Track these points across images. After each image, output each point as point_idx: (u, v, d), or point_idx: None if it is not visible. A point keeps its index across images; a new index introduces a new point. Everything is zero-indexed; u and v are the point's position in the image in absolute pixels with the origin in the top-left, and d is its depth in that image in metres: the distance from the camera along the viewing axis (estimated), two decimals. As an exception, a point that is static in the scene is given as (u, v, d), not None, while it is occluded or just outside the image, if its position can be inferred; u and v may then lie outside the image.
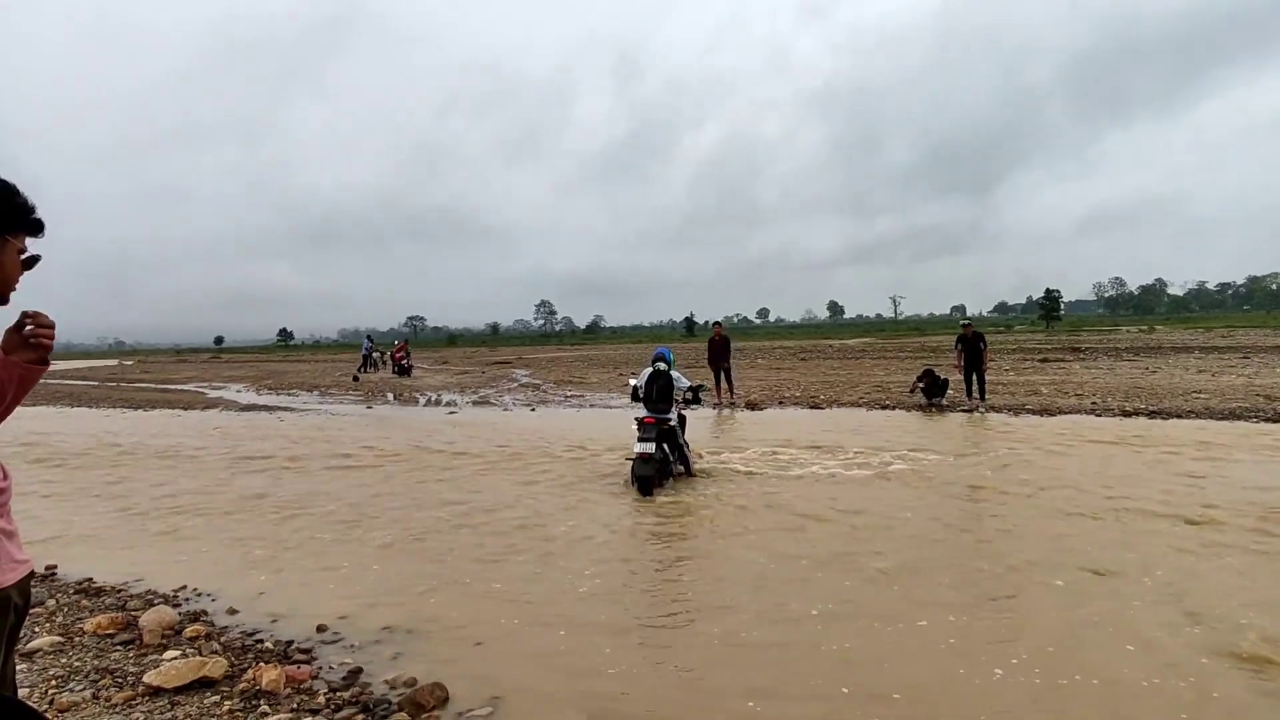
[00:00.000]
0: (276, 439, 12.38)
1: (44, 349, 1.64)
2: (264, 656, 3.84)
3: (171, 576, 5.23)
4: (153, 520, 7.04)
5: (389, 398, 20.55)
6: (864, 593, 4.64)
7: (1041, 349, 31.08)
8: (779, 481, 7.86)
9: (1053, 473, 7.83)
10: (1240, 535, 5.51)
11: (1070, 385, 16.65)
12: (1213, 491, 6.77)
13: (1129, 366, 21.49)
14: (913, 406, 14.20)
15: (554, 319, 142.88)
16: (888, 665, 3.63)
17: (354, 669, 3.71)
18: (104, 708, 3.29)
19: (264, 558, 5.74)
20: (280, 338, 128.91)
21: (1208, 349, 27.00)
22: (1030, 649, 3.73)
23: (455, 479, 8.57)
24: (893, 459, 8.79)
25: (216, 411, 18.04)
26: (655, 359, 8.26)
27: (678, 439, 8.07)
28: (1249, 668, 3.48)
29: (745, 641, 3.96)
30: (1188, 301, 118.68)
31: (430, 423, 14.44)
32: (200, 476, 9.12)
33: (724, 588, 4.82)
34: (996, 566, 5.03)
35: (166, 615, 4.26)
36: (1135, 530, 5.74)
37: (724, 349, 16.31)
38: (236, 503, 7.62)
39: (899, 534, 5.87)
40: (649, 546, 5.90)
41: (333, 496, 7.77)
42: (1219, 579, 4.65)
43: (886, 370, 23.37)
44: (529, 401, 18.17)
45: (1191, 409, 12.13)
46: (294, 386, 26.11)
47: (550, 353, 52.21)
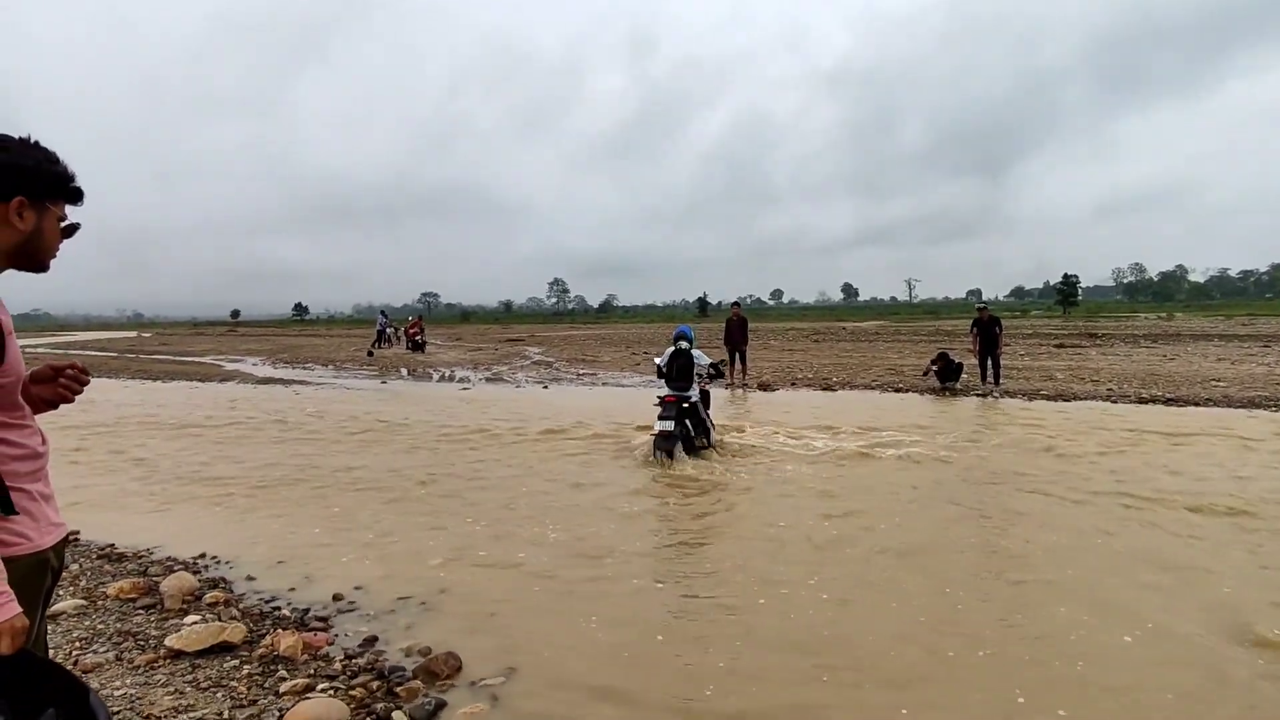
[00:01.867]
0: (293, 411, 12.51)
1: (63, 401, 1.77)
2: (281, 623, 3.92)
3: (191, 544, 5.32)
4: (173, 489, 7.15)
5: (403, 373, 20.67)
6: (868, 569, 4.66)
7: (1058, 334, 30.79)
8: (792, 460, 7.87)
9: (1063, 457, 7.79)
10: (1253, 523, 5.48)
11: (1086, 371, 16.51)
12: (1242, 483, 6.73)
13: (1146, 353, 21.27)
14: (926, 390, 14.14)
15: (567, 298, 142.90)
16: (863, 638, 3.66)
17: (369, 637, 3.78)
18: (127, 669, 3.37)
19: (282, 527, 5.83)
20: (295, 312, 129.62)
21: (1228, 337, 26.66)
22: (1039, 629, 3.75)
23: (469, 452, 8.64)
24: (903, 441, 8.77)
25: (234, 384, 18.22)
26: (677, 338, 8.46)
27: (699, 414, 8.26)
28: (1263, 654, 3.48)
29: (759, 611, 4.00)
30: (1209, 289, 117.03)
31: (444, 398, 14.53)
32: (218, 447, 9.24)
33: (740, 561, 4.85)
34: (1008, 549, 5.04)
35: (187, 581, 4.35)
36: (1145, 517, 5.72)
37: (741, 330, 16.26)
38: (254, 473, 7.72)
39: (902, 514, 5.88)
40: (666, 519, 5.95)
41: (349, 468, 7.86)
42: (1235, 565, 4.64)
43: (900, 353, 23.25)
44: (541, 379, 18.23)
45: (1210, 397, 12.01)
46: (309, 360, 26.31)
47: (563, 331, 52.30)
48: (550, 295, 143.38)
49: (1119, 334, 29.96)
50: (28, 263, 1.62)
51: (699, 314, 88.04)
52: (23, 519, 1.58)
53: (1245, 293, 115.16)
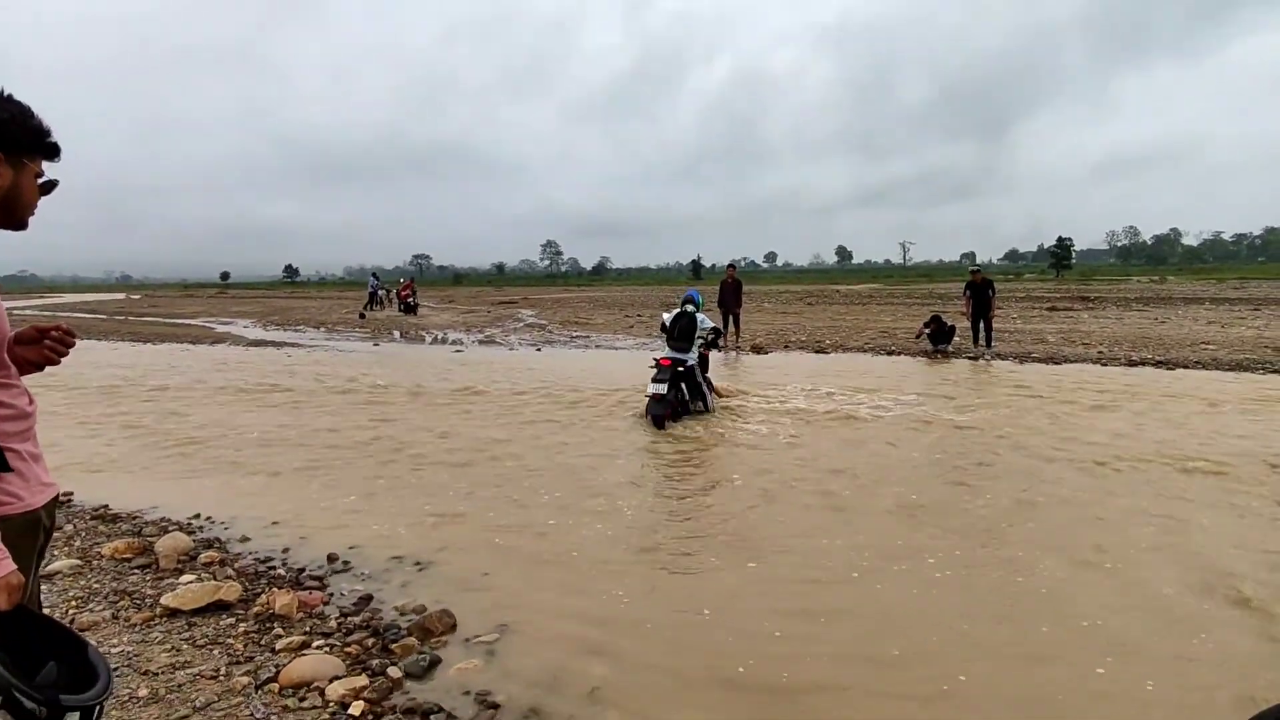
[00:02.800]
0: (284, 373, 12.48)
1: (49, 363, 1.73)
2: (277, 583, 3.96)
3: (185, 505, 5.34)
4: (166, 450, 7.15)
5: (395, 336, 20.61)
6: (859, 525, 4.73)
7: (1050, 297, 30.84)
8: (784, 422, 7.92)
9: (1053, 420, 7.86)
10: (1239, 485, 5.56)
11: (1078, 334, 16.59)
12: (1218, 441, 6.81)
13: (1138, 316, 21.36)
14: (918, 352, 14.19)
15: (560, 260, 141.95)
16: (856, 602, 3.73)
17: (364, 596, 3.82)
18: (123, 627, 3.40)
19: (276, 489, 5.85)
20: (286, 274, 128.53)
21: (1219, 300, 26.76)
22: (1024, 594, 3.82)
23: (462, 414, 8.66)
24: (893, 403, 8.83)
25: (225, 346, 18.15)
26: (685, 301, 8.61)
27: (696, 378, 8.30)
28: (1249, 615, 3.56)
29: (756, 574, 4.06)
30: (1201, 252, 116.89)
31: (437, 361, 14.51)
32: (211, 408, 9.23)
33: (732, 523, 4.91)
34: (993, 509, 5.11)
35: (181, 541, 4.37)
36: (1133, 477, 5.80)
37: (736, 292, 16.18)
38: (247, 434, 7.73)
39: (892, 476, 5.94)
40: (659, 480, 6.00)
41: (343, 429, 7.87)
42: (1220, 527, 4.72)
43: (893, 316, 23.27)
44: (535, 342, 18.21)
45: (1199, 360, 12.10)
46: (300, 323, 26.19)
47: (556, 293, 52.07)
48: (543, 257, 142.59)
49: (1111, 297, 30.03)
50: (6, 219, 1.59)
51: (693, 276, 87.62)
52: (13, 478, 1.58)
53: (1237, 256, 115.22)
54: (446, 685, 3.00)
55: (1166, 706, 2.82)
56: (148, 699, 2.77)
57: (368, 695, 2.83)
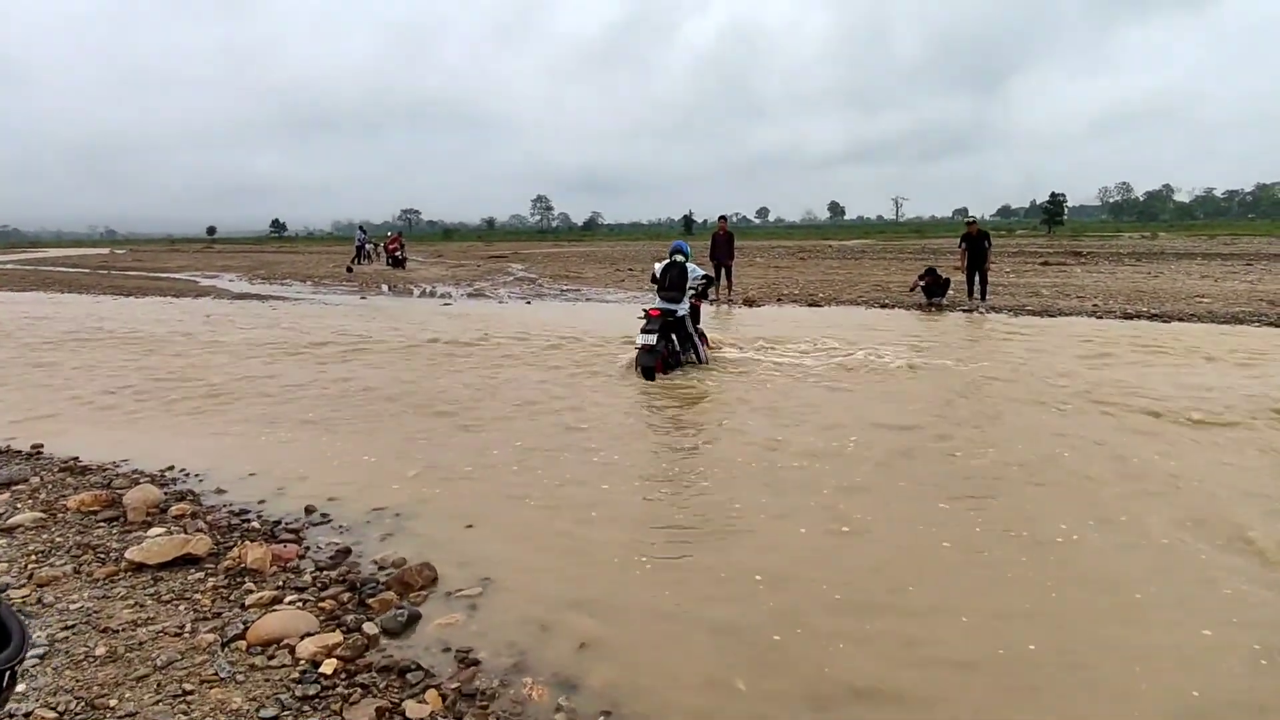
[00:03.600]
0: (268, 326, 12.20)
1: None
2: (250, 536, 3.80)
3: (160, 457, 5.15)
4: (143, 403, 6.94)
5: (383, 289, 20.26)
6: (855, 477, 4.60)
7: (1043, 252, 30.61)
8: (777, 374, 7.76)
9: (1052, 370, 7.73)
10: (1238, 433, 5.46)
11: (1071, 288, 16.43)
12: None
13: (1130, 270, 21.21)
14: (912, 305, 14.02)
15: (551, 215, 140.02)
16: (847, 557, 3.60)
17: (342, 549, 3.66)
18: (85, 582, 3.24)
19: (254, 439, 5.67)
20: (273, 229, 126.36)
21: (1211, 255, 26.62)
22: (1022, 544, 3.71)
23: (450, 366, 8.47)
24: (886, 354, 8.67)
25: (209, 299, 17.78)
26: (673, 252, 8.35)
27: (687, 329, 8.12)
28: (1252, 560, 3.46)
29: (738, 528, 3.93)
30: (1193, 208, 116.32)
31: (425, 313, 14.24)
32: (191, 360, 8.98)
33: (723, 477, 4.77)
34: (988, 460, 4.99)
35: (151, 494, 4.20)
36: (1132, 427, 5.69)
37: (728, 245, 15.91)
38: (227, 386, 7.51)
39: (887, 426, 5.80)
40: (647, 432, 5.85)
41: (326, 381, 7.67)
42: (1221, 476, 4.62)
43: (886, 271, 23.03)
44: (525, 295, 17.93)
45: (1194, 312, 11.98)
46: (287, 276, 25.74)
47: (547, 248, 51.45)
48: (534, 212, 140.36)
49: (1103, 253, 29.84)
50: None
51: (684, 232, 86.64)
52: None
53: (1229, 213, 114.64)
54: (425, 642, 2.86)
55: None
56: (105, 658, 2.61)
57: (341, 653, 2.69)
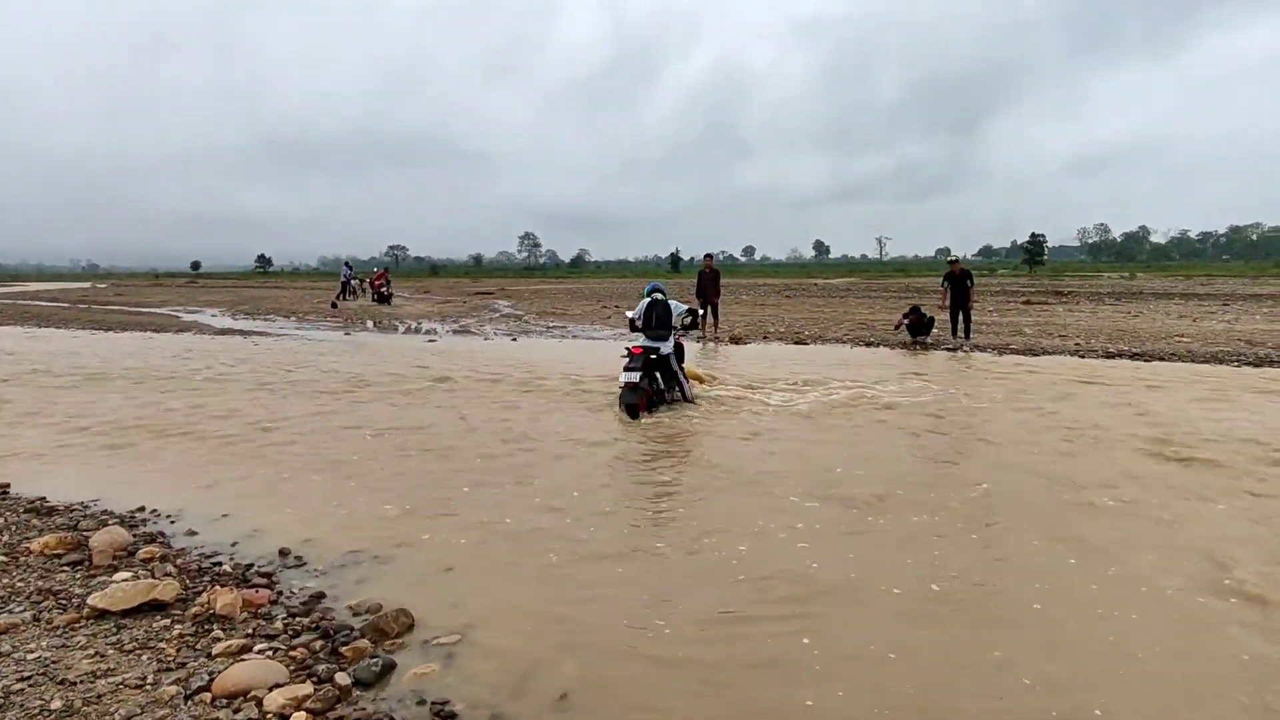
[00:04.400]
0: (250, 362, 12.05)
1: None
2: (221, 580, 3.67)
3: (131, 497, 5.02)
4: (116, 440, 6.78)
5: (368, 325, 20.15)
6: (843, 517, 4.53)
7: (1025, 291, 31.04)
8: (763, 412, 7.72)
9: (1037, 409, 7.75)
10: (1222, 473, 5.46)
11: (1054, 327, 16.60)
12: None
13: (1111, 310, 21.49)
14: (897, 344, 14.08)
15: (538, 251, 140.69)
16: (832, 591, 3.53)
17: (316, 594, 3.55)
18: (44, 630, 3.10)
19: (229, 479, 5.53)
20: (258, 263, 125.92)
21: (1188, 295, 27.08)
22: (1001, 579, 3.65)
23: (432, 403, 8.36)
24: (872, 393, 8.66)
25: (190, 335, 17.59)
26: (650, 291, 8.36)
27: (672, 367, 8.09)
28: (1236, 602, 3.42)
29: (722, 565, 3.84)
30: (1169, 250, 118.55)
31: (409, 350, 14.14)
32: (170, 397, 8.83)
33: (704, 512, 4.69)
34: (976, 497, 4.94)
35: (119, 536, 4.06)
36: (1120, 463, 5.67)
37: (714, 282, 16.05)
38: (204, 424, 7.36)
39: (873, 464, 5.76)
40: (631, 472, 5.76)
41: (303, 419, 7.54)
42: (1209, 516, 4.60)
43: (871, 309, 23.21)
44: (511, 332, 17.87)
45: (1174, 352, 12.11)
46: (271, 312, 25.57)
47: (534, 285, 51.55)
48: (521, 249, 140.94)
49: (1084, 292, 30.28)
50: None
51: (671, 269, 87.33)
52: None
53: (1203, 254, 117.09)
54: (400, 693, 2.75)
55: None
56: (60, 712, 2.48)
57: (311, 705, 2.57)
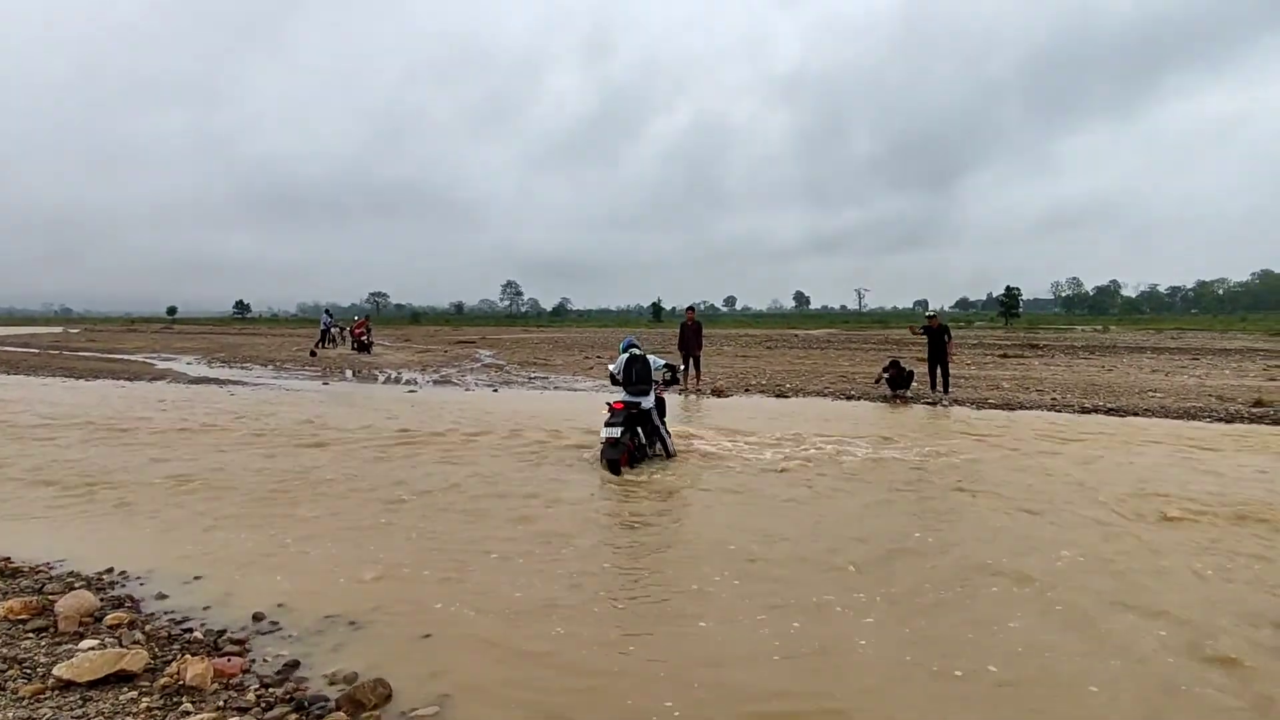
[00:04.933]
0: (225, 413, 11.89)
1: None
2: (192, 648, 3.57)
3: (100, 558, 4.90)
4: (84, 496, 6.63)
5: (347, 374, 20.00)
6: (821, 581, 4.52)
7: (1001, 345, 31.54)
8: (744, 468, 7.72)
9: (1017, 468, 7.82)
10: (1191, 530, 5.52)
11: (1030, 381, 16.85)
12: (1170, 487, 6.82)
13: (1086, 364, 21.87)
14: (877, 397, 14.20)
15: (520, 300, 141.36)
16: (819, 656, 3.50)
17: (290, 662, 3.46)
18: (9, 701, 3.00)
19: (203, 539, 5.42)
20: (236, 310, 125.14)
21: (1160, 349, 27.64)
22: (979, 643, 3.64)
23: (411, 458, 8.27)
24: (852, 449, 8.71)
25: (164, 383, 17.34)
26: (626, 347, 8.42)
27: (652, 422, 8.13)
28: (1210, 666, 3.43)
29: (707, 632, 3.80)
30: (1139, 303, 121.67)
31: (389, 401, 14.03)
32: (143, 451, 8.67)
33: (688, 572, 4.66)
34: (951, 560, 4.95)
35: (86, 601, 3.94)
36: (1085, 525, 5.72)
37: (696, 334, 16.15)
38: (177, 480, 7.23)
39: (851, 523, 5.76)
40: (614, 531, 5.72)
41: (281, 475, 7.43)
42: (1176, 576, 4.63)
43: (851, 361, 23.45)
44: (492, 382, 17.82)
45: (1148, 407, 12.32)
46: (248, 360, 25.32)
47: (515, 333, 51.60)
48: (503, 297, 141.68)
49: (1059, 345, 30.84)
50: None
51: (653, 319, 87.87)
52: None
53: (1172, 308, 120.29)
54: (376, 769, 2.67)
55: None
56: (19, 795, 2.38)
57: (283, 784, 2.49)
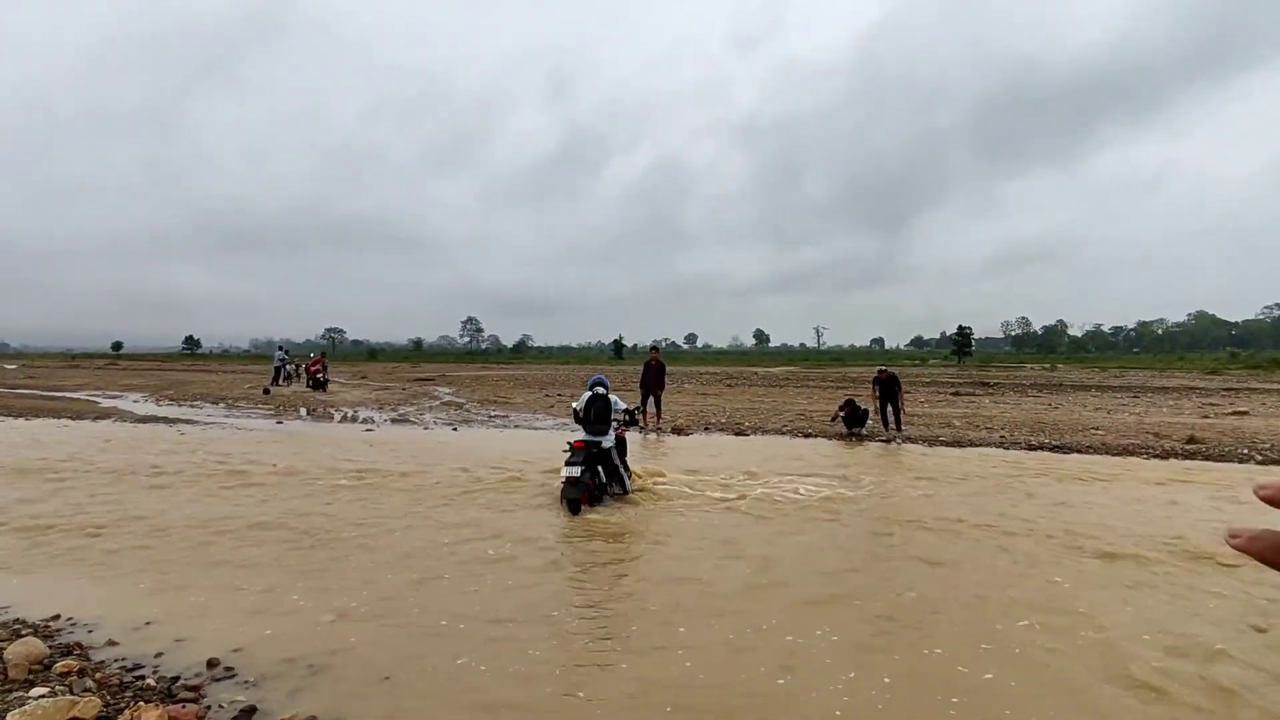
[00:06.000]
0: (173, 453, 11.62)
1: None
2: (145, 695, 3.52)
3: (45, 604, 4.77)
4: (27, 541, 6.44)
5: (302, 413, 19.67)
6: (792, 616, 4.63)
7: (954, 382, 32.45)
8: (702, 506, 7.84)
9: (969, 501, 8.09)
10: (1137, 565, 5.79)
11: (981, 419, 17.37)
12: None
13: (1034, 402, 22.63)
14: (834, 435, 14.51)
15: (480, 336, 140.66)
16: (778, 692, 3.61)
17: (247, 708, 3.43)
18: (-49, 756, 2.92)
19: (152, 583, 5.31)
20: (185, 345, 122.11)
21: (1103, 388, 28.74)
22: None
23: (367, 498, 8.20)
24: (808, 486, 8.91)
25: (109, 422, 16.85)
26: (593, 385, 8.45)
27: (613, 461, 8.21)
28: (1146, 694, 3.62)
29: (671, 675, 3.87)
30: (1085, 342, 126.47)
31: (345, 440, 13.85)
32: (84, 494, 8.43)
33: (647, 612, 4.73)
34: (913, 595, 5.12)
35: (35, 648, 3.86)
36: (1024, 549, 5.96)
37: (659, 374, 15.96)
38: (122, 523, 7.06)
39: (808, 561, 5.91)
40: (574, 571, 5.75)
41: (233, 517, 7.30)
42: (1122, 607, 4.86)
43: (809, 399, 23.87)
44: (451, 420, 17.71)
45: (1090, 444, 12.82)
46: (198, 398, 24.71)
47: (475, 370, 51.28)
48: (463, 334, 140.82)
49: (1009, 383, 31.85)
50: None
51: (614, 356, 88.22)
52: None
53: (1116, 346, 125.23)
54: (335, 814, 2.67)
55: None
56: None
57: (241, 831, 2.48)
